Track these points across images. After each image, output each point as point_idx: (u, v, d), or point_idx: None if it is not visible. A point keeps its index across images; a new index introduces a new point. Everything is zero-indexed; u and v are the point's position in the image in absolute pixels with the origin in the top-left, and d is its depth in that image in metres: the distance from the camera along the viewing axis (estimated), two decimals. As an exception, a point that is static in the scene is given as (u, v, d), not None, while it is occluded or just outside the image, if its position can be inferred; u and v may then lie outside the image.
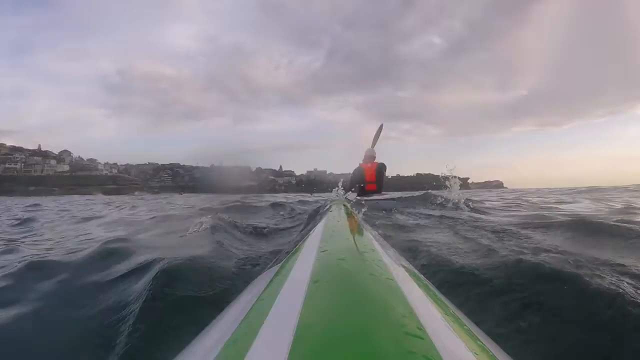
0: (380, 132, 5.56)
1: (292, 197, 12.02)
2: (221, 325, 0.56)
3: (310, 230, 1.33)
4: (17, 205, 11.39)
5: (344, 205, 2.58)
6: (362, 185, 5.04)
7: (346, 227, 1.27)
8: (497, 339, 0.58)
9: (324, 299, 0.47)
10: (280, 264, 0.83)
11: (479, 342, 0.46)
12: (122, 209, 7.95)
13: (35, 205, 10.44)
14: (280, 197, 12.81)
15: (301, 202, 7.60)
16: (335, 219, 1.49)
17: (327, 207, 2.66)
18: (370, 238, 1.01)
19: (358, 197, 4.75)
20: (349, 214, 1.80)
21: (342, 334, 0.36)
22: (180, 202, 10.71)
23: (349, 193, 5.31)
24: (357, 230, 1.18)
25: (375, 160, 5.19)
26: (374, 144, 5.50)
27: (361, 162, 5.20)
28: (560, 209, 5.09)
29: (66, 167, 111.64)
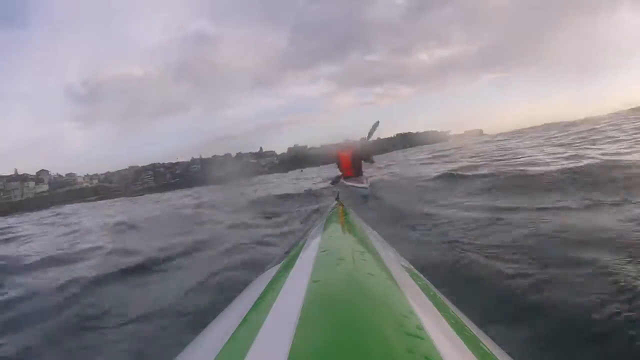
0: (376, 128, 5.67)
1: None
2: (221, 325, 0.56)
3: (310, 231, 1.31)
4: None
5: (343, 205, 2.56)
6: (341, 172, 5.70)
7: (346, 227, 1.22)
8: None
9: (323, 299, 0.47)
10: (280, 264, 0.82)
11: (479, 342, 0.46)
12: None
13: None
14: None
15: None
16: (335, 220, 1.43)
17: (328, 207, 2.64)
18: (370, 238, 1.00)
19: (344, 182, 5.45)
20: (349, 215, 1.73)
21: (341, 334, 0.37)
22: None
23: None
24: (357, 230, 1.14)
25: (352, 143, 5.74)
26: (369, 137, 5.73)
27: (341, 148, 5.74)
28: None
29: (45, 187, 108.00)
